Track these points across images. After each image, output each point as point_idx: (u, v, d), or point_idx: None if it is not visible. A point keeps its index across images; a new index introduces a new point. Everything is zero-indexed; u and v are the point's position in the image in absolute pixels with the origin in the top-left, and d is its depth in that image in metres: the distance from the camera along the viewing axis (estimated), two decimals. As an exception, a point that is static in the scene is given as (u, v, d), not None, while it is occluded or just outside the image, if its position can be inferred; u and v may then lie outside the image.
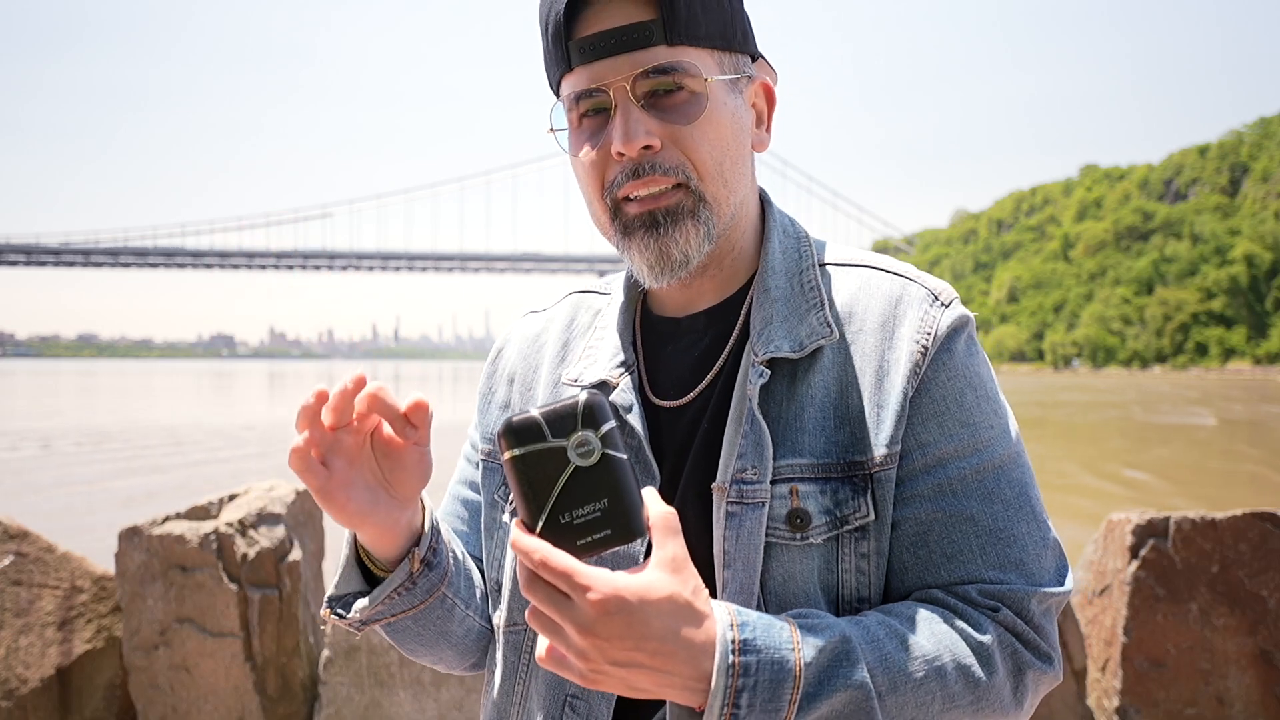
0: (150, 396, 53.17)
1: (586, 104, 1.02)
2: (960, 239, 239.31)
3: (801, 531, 0.98)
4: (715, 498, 1.01)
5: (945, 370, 1.02)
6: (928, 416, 1.01)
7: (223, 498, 3.56)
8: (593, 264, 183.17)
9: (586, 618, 0.81)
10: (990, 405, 1.04)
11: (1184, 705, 3.20)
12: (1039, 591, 0.98)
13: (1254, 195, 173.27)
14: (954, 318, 1.04)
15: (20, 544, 3.45)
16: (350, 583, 1.06)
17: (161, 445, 22.20)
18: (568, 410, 0.83)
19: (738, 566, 0.98)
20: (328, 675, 3.40)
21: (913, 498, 1.00)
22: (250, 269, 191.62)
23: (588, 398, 0.83)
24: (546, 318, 1.25)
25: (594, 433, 0.82)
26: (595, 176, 1.04)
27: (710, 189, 1.02)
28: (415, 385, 74.76)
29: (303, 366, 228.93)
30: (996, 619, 0.97)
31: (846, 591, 0.99)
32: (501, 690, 1.13)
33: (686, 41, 0.99)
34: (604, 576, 0.81)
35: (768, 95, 1.11)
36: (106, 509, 12.58)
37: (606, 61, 0.99)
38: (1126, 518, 3.31)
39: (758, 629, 0.87)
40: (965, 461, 1.01)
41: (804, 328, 1.04)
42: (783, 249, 1.11)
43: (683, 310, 1.13)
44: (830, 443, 1.00)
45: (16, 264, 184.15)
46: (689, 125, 1.00)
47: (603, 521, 0.83)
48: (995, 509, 1.00)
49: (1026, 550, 1.00)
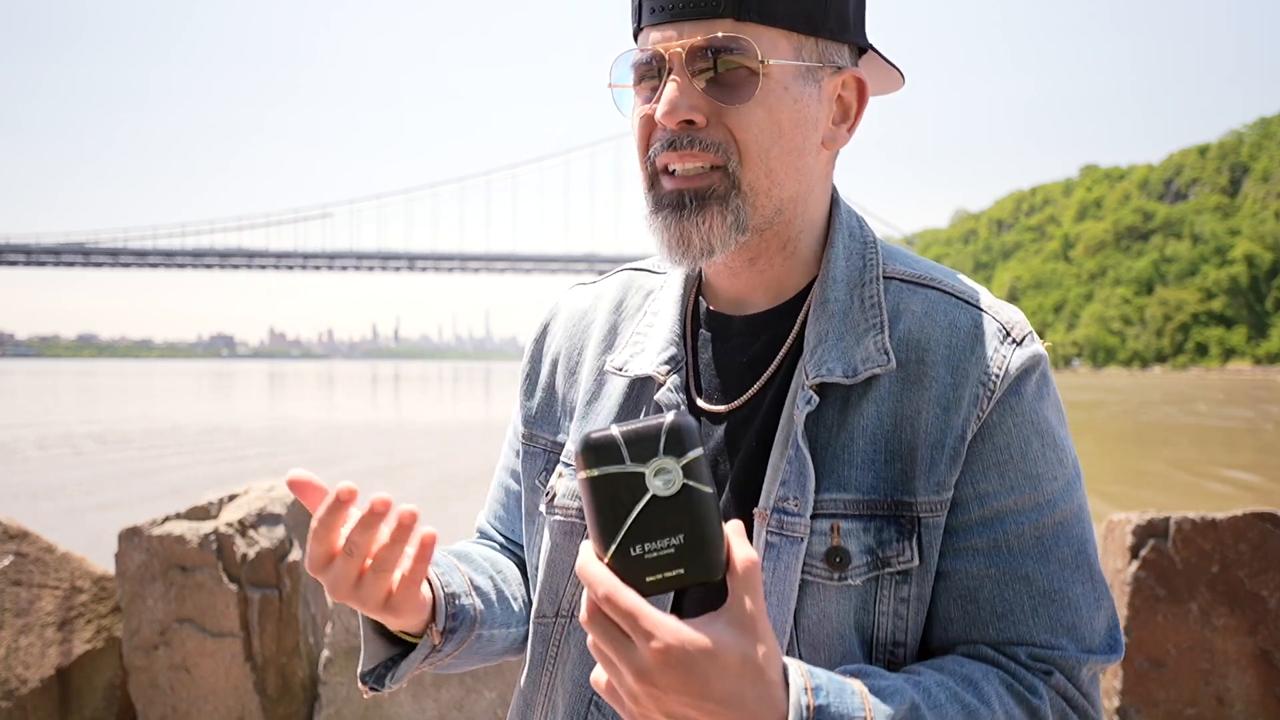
0: (150, 397, 53.17)
1: (644, 65, 1.00)
2: (960, 239, 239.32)
3: (840, 571, 0.94)
4: (756, 524, 0.96)
5: (1012, 415, 0.96)
6: (989, 465, 0.95)
7: (223, 498, 3.56)
8: (593, 264, 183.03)
9: (645, 664, 0.75)
10: (1057, 454, 0.97)
11: (1184, 705, 3.20)
12: (1090, 660, 0.94)
13: (1254, 195, 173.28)
14: (1026, 357, 0.98)
15: (20, 544, 3.45)
16: (376, 655, 1.04)
17: (162, 445, 22.19)
18: (651, 433, 0.76)
19: (772, 601, 0.94)
20: (328, 675, 3.40)
21: (966, 550, 0.95)
22: (250, 269, 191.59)
23: (674, 420, 0.77)
24: (595, 293, 1.19)
25: (676, 460, 0.76)
26: (641, 140, 1.01)
27: (749, 175, 0.97)
28: (415, 385, 74.74)
29: (303, 366, 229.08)
30: (1050, 682, 0.93)
31: (882, 635, 0.95)
32: (529, 679, 1.12)
33: (758, 20, 0.94)
34: (669, 625, 0.75)
35: (859, 91, 1.03)
36: (106, 509, 12.57)
37: (672, 26, 0.96)
38: (1127, 518, 3.31)
39: (831, 693, 0.82)
40: (1025, 517, 0.95)
41: (860, 351, 0.98)
42: (846, 255, 1.04)
43: (736, 307, 1.07)
44: (879, 479, 0.95)
45: (16, 264, 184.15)
46: (737, 105, 0.95)
47: (676, 559, 0.76)
48: (1052, 569, 0.95)
49: (1080, 614, 0.95)
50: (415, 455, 20.25)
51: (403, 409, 41.04)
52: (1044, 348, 1.01)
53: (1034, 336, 1.01)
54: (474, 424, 26.81)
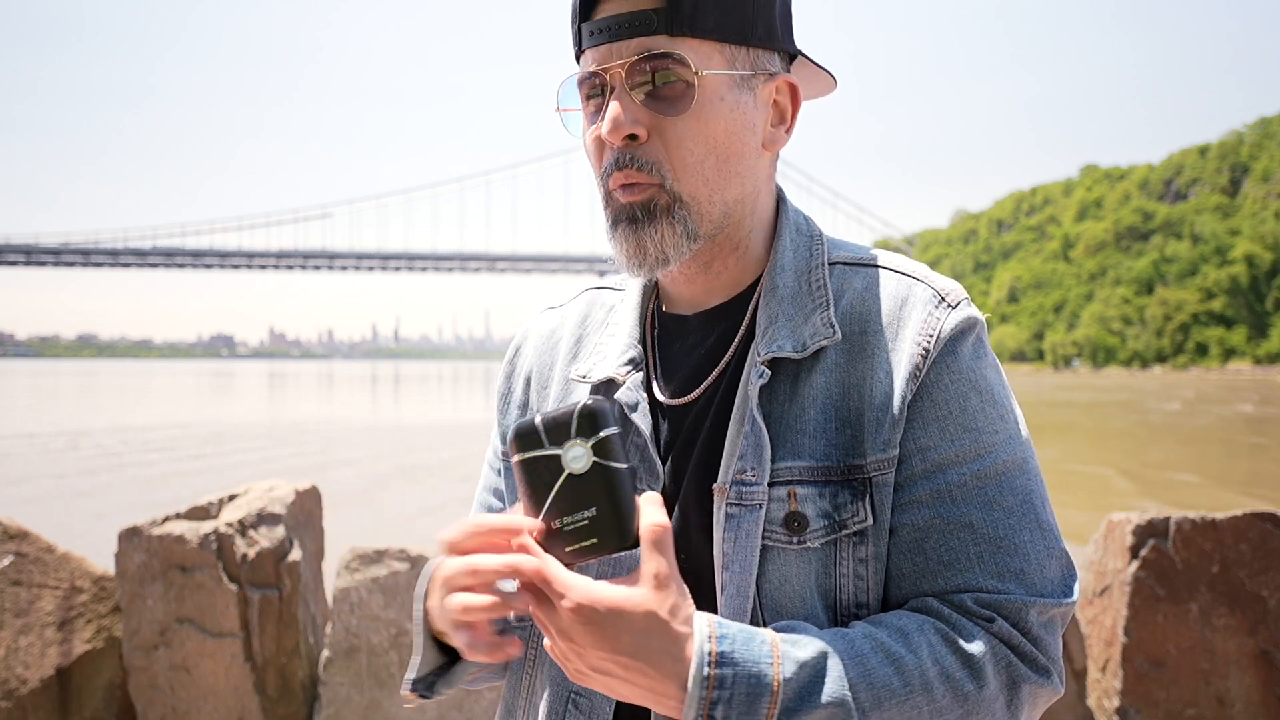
0: (150, 397, 53.17)
1: (588, 86, 1.04)
2: (960, 239, 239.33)
3: (798, 535, 0.98)
4: (715, 499, 1.00)
5: (949, 373, 1.00)
6: (928, 420, 0.99)
7: (222, 498, 3.56)
8: (592, 264, 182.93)
9: (563, 623, 0.84)
10: (996, 409, 1.01)
11: (1184, 705, 3.20)
12: (1038, 602, 0.96)
13: (1254, 195, 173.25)
14: (959, 319, 1.02)
15: (20, 544, 3.45)
16: (431, 664, 1.07)
17: (162, 445, 22.19)
18: (565, 418, 0.85)
19: (735, 569, 0.98)
20: (328, 675, 3.40)
21: (911, 503, 0.99)
22: (250, 269, 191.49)
23: (585, 405, 0.84)
24: (561, 314, 1.25)
25: (586, 440, 0.84)
26: (595, 159, 1.06)
27: (687, 188, 1.02)
28: (415, 385, 74.71)
29: (303, 366, 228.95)
30: (991, 629, 0.95)
31: (844, 596, 0.98)
32: (510, 685, 1.15)
33: (689, 33, 0.99)
34: (579, 585, 0.83)
35: (792, 94, 1.09)
36: (106, 509, 12.57)
37: (610, 46, 1.01)
38: (1127, 518, 3.31)
39: (737, 641, 0.86)
40: (966, 467, 0.99)
41: (808, 328, 1.03)
42: (794, 247, 1.10)
43: (692, 307, 1.12)
44: (830, 445, 0.99)
45: (16, 264, 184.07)
46: (675, 117, 1.00)
47: (591, 530, 0.85)
48: (996, 516, 0.98)
49: (1028, 559, 0.97)
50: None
51: (403, 409, 41.04)
52: (981, 315, 1.06)
53: (970, 303, 1.06)
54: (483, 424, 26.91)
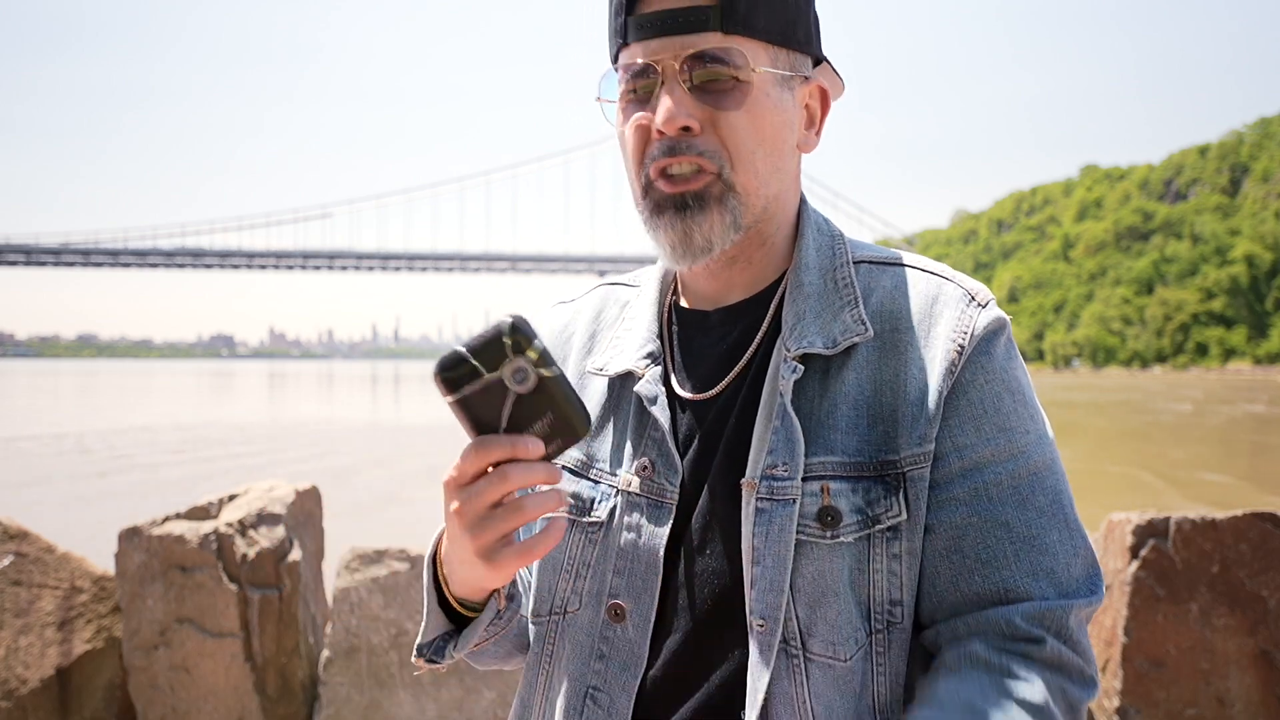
0: (150, 397, 53.17)
1: (638, 80, 1.04)
2: (960, 239, 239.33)
3: (832, 530, 0.98)
4: (744, 493, 1.00)
5: (983, 373, 1.02)
6: (965, 419, 1.00)
7: (222, 498, 3.56)
8: (593, 264, 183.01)
9: None
10: (1027, 410, 1.03)
11: (1184, 706, 3.20)
12: (1074, 605, 0.97)
13: (1254, 195, 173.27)
14: (991, 319, 1.03)
15: (20, 544, 3.45)
16: (437, 627, 1.07)
17: (162, 445, 22.20)
18: (494, 339, 0.83)
19: (767, 563, 0.98)
20: (328, 675, 3.40)
21: (949, 501, 1.00)
22: (250, 269, 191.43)
23: (510, 321, 0.83)
24: (574, 309, 1.25)
25: (523, 357, 0.83)
26: (636, 150, 1.06)
27: (741, 178, 1.03)
28: (415, 385, 74.71)
29: (303, 366, 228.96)
30: (1044, 657, 0.95)
31: (878, 593, 0.99)
32: (526, 682, 1.15)
33: (742, 32, 1.01)
34: None
35: (822, 99, 1.12)
36: (106, 509, 12.57)
37: (661, 40, 1.01)
38: (1127, 518, 3.31)
39: None
40: (1001, 466, 1.00)
41: (837, 324, 1.04)
42: (817, 246, 1.11)
43: (712, 304, 1.13)
44: (863, 441, 1.00)
45: (16, 264, 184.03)
46: (729, 112, 1.01)
47: (549, 433, 0.85)
48: (1029, 515, 0.99)
49: (1058, 559, 0.99)
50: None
51: (402, 409, 41.03)
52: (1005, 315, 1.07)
53: (996, 304, 1.07)
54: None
